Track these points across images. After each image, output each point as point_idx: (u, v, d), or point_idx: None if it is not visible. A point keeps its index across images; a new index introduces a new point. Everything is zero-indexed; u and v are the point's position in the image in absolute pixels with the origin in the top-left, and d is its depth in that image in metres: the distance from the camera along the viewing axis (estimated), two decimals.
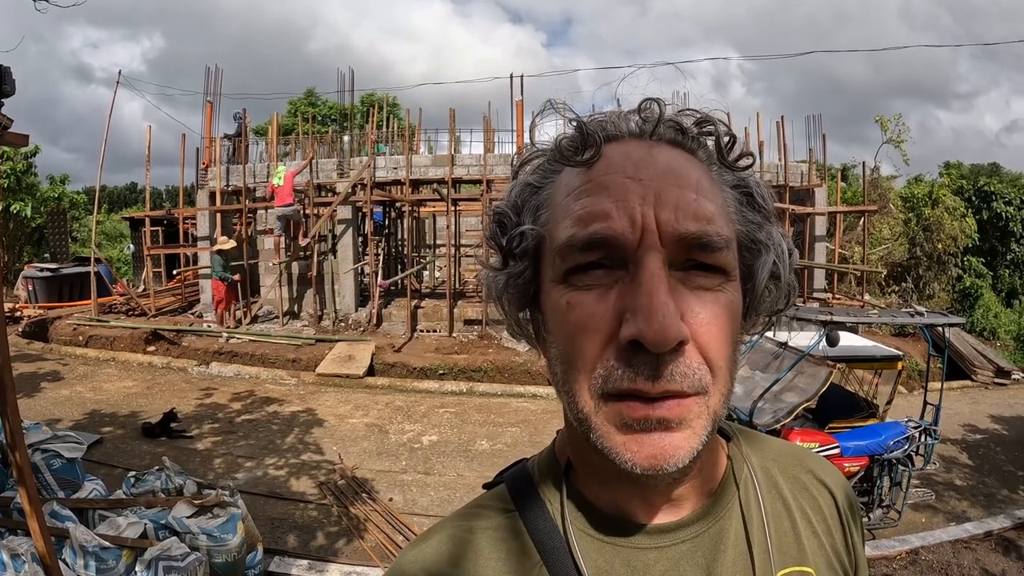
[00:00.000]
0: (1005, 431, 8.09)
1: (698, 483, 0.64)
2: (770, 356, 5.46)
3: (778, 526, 0.66)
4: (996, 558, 4.81)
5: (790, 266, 0.63)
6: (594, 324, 0.54)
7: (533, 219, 0.61)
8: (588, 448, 0.57)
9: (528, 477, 0.70)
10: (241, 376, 10.10)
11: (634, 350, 0.51)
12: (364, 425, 7.80)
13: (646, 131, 0.60)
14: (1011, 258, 17.10)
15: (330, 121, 24.78)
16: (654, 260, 0.53)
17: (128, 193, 53.08)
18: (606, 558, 0.61)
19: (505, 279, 0.63)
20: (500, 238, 0.63)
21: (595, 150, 0.58)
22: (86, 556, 3.30)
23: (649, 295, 0.51)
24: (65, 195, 18.80)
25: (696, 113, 0.61)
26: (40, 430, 4.15)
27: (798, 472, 0.74)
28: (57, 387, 8.99)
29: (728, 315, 0.55)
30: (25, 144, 3.40)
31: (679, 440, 0.52)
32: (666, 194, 0.54)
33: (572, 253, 0.55)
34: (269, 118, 15.17)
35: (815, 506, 0.71)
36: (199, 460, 6.43)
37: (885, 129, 18.41)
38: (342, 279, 12.84)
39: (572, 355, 0.56)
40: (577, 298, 0.55)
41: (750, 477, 0.68)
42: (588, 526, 0.63)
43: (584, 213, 0.55)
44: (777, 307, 0.64)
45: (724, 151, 0.60)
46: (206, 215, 13.50)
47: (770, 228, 0.62)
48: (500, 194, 11.84)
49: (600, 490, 0.64)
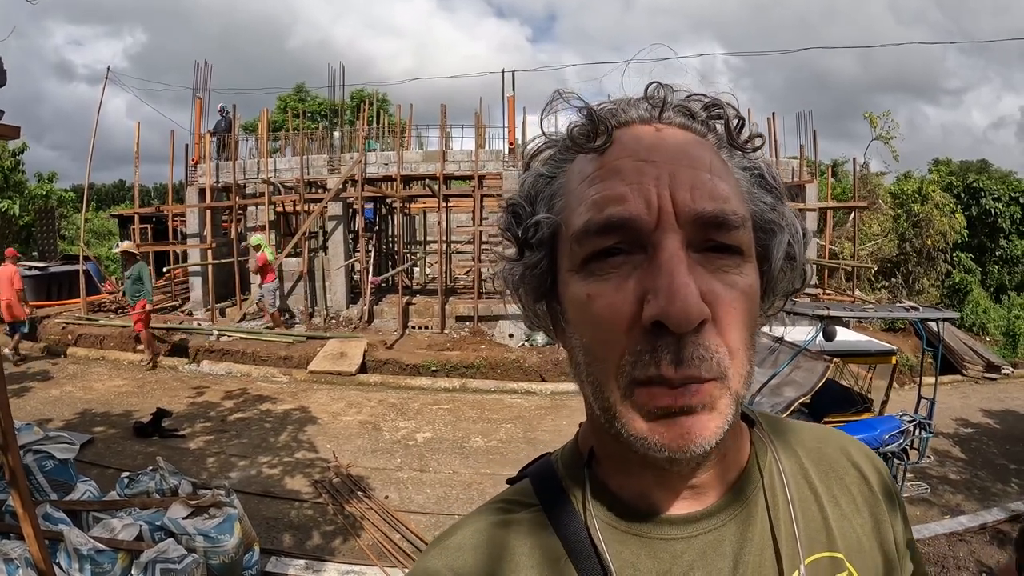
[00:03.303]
0: (996, 425, 8.17)
1: (721, 470, 0.63)
2: (766, 351, 5.47)
3: (805, 512, 0.65)
4: (991, 550, 4.85)
5: (805, 246, 0.63)
6: (616, 313, 0.53)
7: (547, 208, 0.61)
8: (612, 438, 0.57)
9: (552, 471, 0.69)
10: (232, 374, 10.04)
11: (657, 332, 0.51)
12: (358, 423, 7.76)
13: (655, 116, 0.60)
14: (1000, 254, 17.23)
15: (320, 117, 24.61)
16: (672, 241, 0.52)
17: (116, 191, 52.62)
18: (632, 550, 0.60)
19: (522, 270, 0.63)
20: (515, 228, 0.63)
21: (607, 136, 0.58)
22: (81, 560, 3.25)
23: (670, 275, 0.51)
24: (53, 193, 18.63)
25: (704, 97, 0.62)
26: (31, 431, 4.09)
27: (825, 454, 0.73)
28: (47, 387, 8.91)
29: (747, 297, 0.55)
30: (16, 136, 3.34)
31: (704, 421, 0.52)
32: (681, 175, 0.54)
33: (589, 238, 0.55)
34: (256, 114, 15.07)
35: (844, 488, 0.70)
36: (192, 459, 6.37)
37: (874, 125, 18.45)
38: (333, 276, 12.78)
39: (595, 346, 0.55)
40: (597, 289, 0.55)
41: (774, 462, 0.68)
42: (613, 518, 0.62)
43: (599, 198, 0.55)
44: (794, 287, 0.64)
45: (734, 133, 0.61)
46: (196, 212, 13.38)
47: (783, 208, 0.62)
48: (491, 190, 11.83)
49: (624, 481, 0.63)
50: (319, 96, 26.89)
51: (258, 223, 13.49)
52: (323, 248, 13.04)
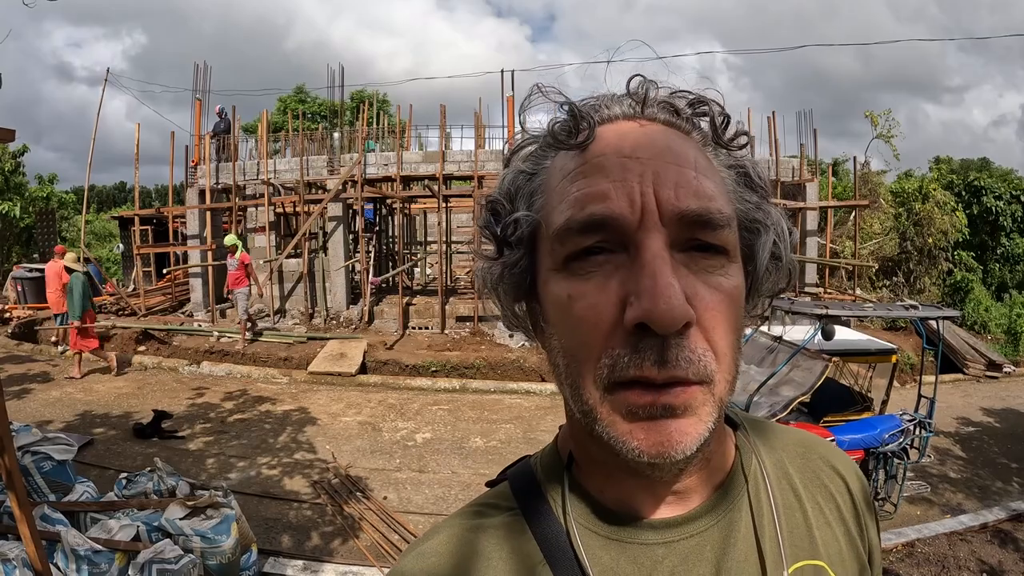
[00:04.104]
0: (997, 424, 8.14)
1: (705, 475, 0.62)
2: (765, 350, 5.46)
3: (789, 519, 0.64)
4: (992, 550, 4.83)
5: (790, 245, 0.62)
6: (597, 314, 0.52)
7: (528, 206, 0.60)
8: (592, 441, 0.56)
9: (531, 474, 0.68)
10: (232, 375, 10.04)
11: (640, 334, 0.50)
12: (357, 423, 7.76)
13: (639, 112, 0.59)
14: (1001, 252, 17.22)
15: (320, 118, 24.64)
16: (656, 240, 0.51)
17: (117, 192, 52.73)
18: (612, 555, 0.59)
19: (500, 269, 0.61)
20: (494, 226, 0.61)
21: (588, 132, 0.56)
22: (78, 560, 3.25)
23: (653, 276, 0.49)
24: (53, 195, 18.66)
25: (689, 94, 0.60)
26: (30, 432, 4.08)
27: (810, 461, 0.72)
28: (47, 388, 8.90)
29: (732, 299, 0.54)
30: (12, 139, 3.34)
31: (685, 426, 0.51)
32: (665, 173, 0.53)
33: (570, 236, 0.54)
34: (255, 116, 15.07)
35: (828, 496, 0.69)
36: (191, 460, 6.37)
37: (875, 124, 18.45)
38: (333, 277, 12.78)
39: (575, 347, 0.54)
40: (578, 289, 0.53)
41: (759, 468, 0.66)
42: (592, 522, 0.61)
43: (581, 195, 0.54)
44: (779, 287, 0.63)
45: (719, 131, 0.60)
46: (196, 213, 13.40)
47: (768, 208, 0.61)
48: (492, 189, 12.18)
49: (604, 484, 0.62)
50: (319, 97, 26.92)
51: (258, 224, 13.50)
52: (323, 249, 13.04)
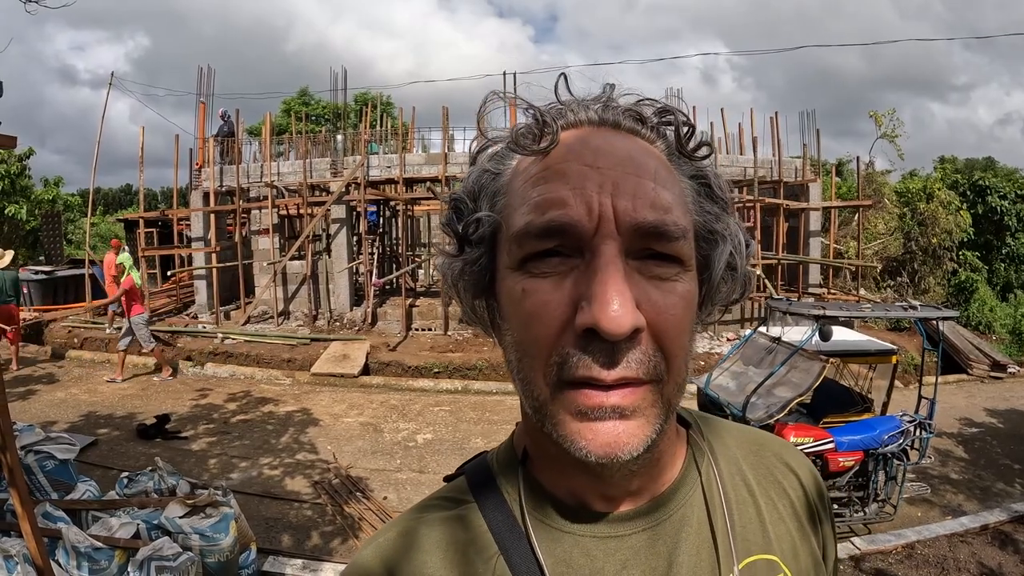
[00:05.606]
0: (1001, 424, 8.10)
1: (656, 472, 0.64)
2: (763, 351, 5.46)
3: (743, 514, 0.66)
4: (992, 552, 4.81)
5: (747, 257, 0.63)
6: (549, 311, 0.53)
7: (490, 206, 0.61)
8: (544, 437, 0.57)
9: (487, 468, 0.70)
10: (236, 376, 10.09)
11: (589, 338, 0.51)
12: (359, 424, 7.79)
13: (605, 119, 0.60)
14: (1006, 252, 17.10)
15: (323, 120, 24.71)
16: (610, 248, 0.52)
17: (123, 195, 52.92)
18: (564, 548, 0.61)
19: (461, 266, 0.63)
20: (456, 224, 0.62)
21: (551, 138, 0.57)
22: (79, 557, 3.29)
23: (604, 283, 0.50)
24: (59, 197, 18.72)
25: (655, 103, 0.62)
26: (33, 432, 4.13)
27: (764, 458, 0.73)
28: (52, 389, 8.97)
29: (684, 304, 0.55)
30: (14, 146, 3.37)
31: (633, 428, 0.52)
32: (624, 183, 0.54)
33: (529, 240, 0.55)
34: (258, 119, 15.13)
35: (781, 492, 0.71)
36: (194, 461, 6.41)
37: (879, 123, 18.38)
38: (336, 278, 12.81)
39: (527, 342, 0.55)
40: (532, 285, 0.55)
41: (711, 465, 0.68)
42: (546, 515, 0.63)
43: (541, 200, 0.55)
44: (732, 298, 0.64)
45: (683, 141, 0.60)
46: (200, 216, 13.45)
47: (727, 219, 0.62)
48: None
49: (558, 479, 0.63)
50: (322, 100, 26.99)
51: (262, 226, 13.54)
52: (327, 251, 13.07)
